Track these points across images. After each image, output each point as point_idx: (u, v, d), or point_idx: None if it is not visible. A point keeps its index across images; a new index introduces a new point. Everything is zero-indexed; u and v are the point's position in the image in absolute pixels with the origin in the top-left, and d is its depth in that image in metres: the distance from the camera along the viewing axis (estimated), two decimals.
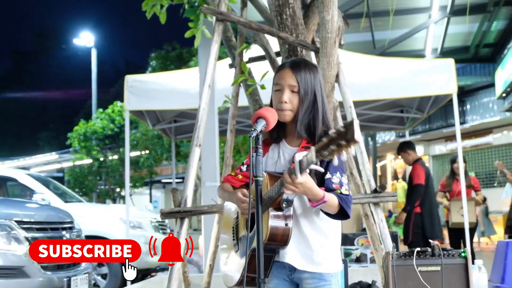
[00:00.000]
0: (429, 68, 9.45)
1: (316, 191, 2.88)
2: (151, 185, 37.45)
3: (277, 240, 3.00)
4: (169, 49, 33.77)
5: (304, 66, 3.21)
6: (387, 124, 12.89)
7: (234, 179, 3.37)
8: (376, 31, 16.48)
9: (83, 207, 11.68)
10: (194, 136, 5.22)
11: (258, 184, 2.89)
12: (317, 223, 3.11)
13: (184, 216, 5.06)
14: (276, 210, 3.00)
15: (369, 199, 5.08)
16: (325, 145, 2.60)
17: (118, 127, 26.91)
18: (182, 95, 9.46)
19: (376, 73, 9.44)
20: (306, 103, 3.14)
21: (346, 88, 5.38)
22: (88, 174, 28.72)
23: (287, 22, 5.33)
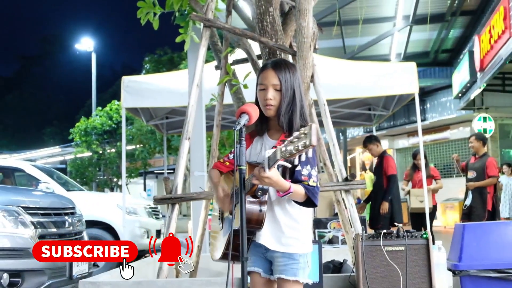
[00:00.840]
0: (394, 70, 9.45)
1: (282, 183, 2.91)
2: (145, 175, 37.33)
3: (252, 223, 3.02)
4: (161, 54, 33.66)
5: (285, 66, 3.22)
6: (356, 120, 12.91)
7: (222, 165, 3.38)
8: (347, 38, 16.53)
9: (84, 195, 11.60)
10: (184, 130, 5.22)
11: (242, 173, 2.90)
12: (288, 209, 3.14)
13: (175, 202, 5.06)
14: (252, 197, 3.02)
15: (341, 186, 5.10)
16: (287, 146, 2.63)
17: (116, 123, 26.83)
18: (173, 94, 9.43)
19: (346, 75, 9.44)
20: (287, 99, 3.15)
21: (320, 87, 5.39)
22: (88, 165, 28.59)
23: (267, 28, 5.33)
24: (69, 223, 6.64)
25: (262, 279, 3.22)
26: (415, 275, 4.19)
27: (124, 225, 9.59)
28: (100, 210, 11.03)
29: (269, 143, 3.23)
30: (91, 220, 10.59)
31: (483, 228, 4.92)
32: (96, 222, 10.85)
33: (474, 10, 16.51)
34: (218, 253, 3.27)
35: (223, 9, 6.36)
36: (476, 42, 15.56)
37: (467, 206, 9.76)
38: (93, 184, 29.68)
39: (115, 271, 5.69)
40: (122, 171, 9.78)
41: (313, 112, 5.57)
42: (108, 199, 11.72)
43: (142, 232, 11.24)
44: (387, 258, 4.19)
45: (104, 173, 29.74)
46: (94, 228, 10.78)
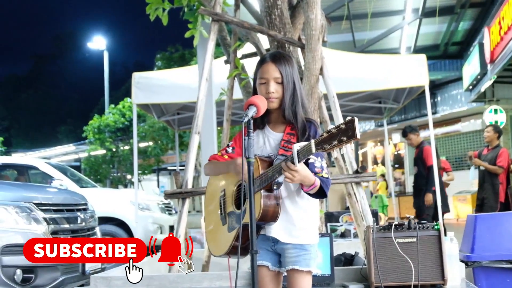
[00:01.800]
0: (404, 63, 9.42)
1: (310, 178, 2.91)
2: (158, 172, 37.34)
3: (268, 217, 3.01)
4: (172, 51, 33.63)
5: (284, 59, 3.21)
6: (367, 114, 12.84)
7: (221, 158, 3.34)
8: (356, 32, 16.47)
9: (97, 191, 11.62)
10: (194, 125, 5.22)
11: (250, 165, 2.87)
12: (298, 201, 3.13)
13: (185, 196, 5.05)
14: (267, 191, 3.00)
15: (351, 179, 5.06)
16: (325, 139, 2.61)
17: (128, 121, 26.84)
18: (184, 89, 9.42)
19: (356, 68, 9.41)
20: (289, 91, 3.15)
21: (330, 80, 5.35)
22: (102, 163, 28.62)
23: (275, 21, 5.31)
24: (82, 219, 6.63)
25: (270, 273, 3.19)
26: (427, 267, 4.14)
27: (137, 221, 9.58)
28: (113, 206, 11.06)
29: (273, 136, 3.21)
30: (104, 216, 10.63)
31: (496, 219, 4.86)
32: (109, 219, 10.88)
33: (484, 2, 16.38)
34: (221, 249, 3.21)
35: (232, 3, 6.33)
36: (486, 34, 15.43)
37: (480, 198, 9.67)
38: (107, 181, 29.75)
39: None
40: (134, 168, 9.77)
41: (323, 105, 5.53)
42: (121, 195, 11.74)
43: (155, 228, 11.24)
44: (398, 250, 4.14)
45: (117, 170, 29.79)
46: (107, 224, 10.80)
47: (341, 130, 2.56)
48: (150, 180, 36.63)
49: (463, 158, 21.66)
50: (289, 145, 3.07)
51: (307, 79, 5.13)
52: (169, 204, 12.39)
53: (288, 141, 3.12)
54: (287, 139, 3.13)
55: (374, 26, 16.12)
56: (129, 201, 11.03)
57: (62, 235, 6.19)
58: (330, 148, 2.59)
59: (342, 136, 2.55)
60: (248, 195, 2.89)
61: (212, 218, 3.40)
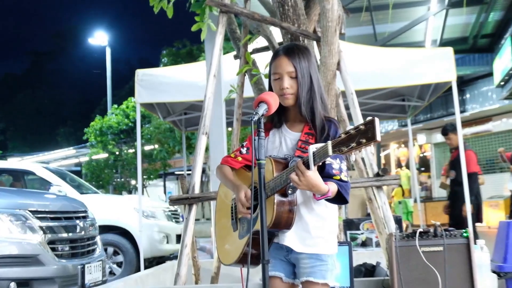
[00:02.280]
0: (429, 57, 9.36)
1: (322, 187, 2.86)
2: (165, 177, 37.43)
3: (281, 224, 2.98)
4: (179, 46, 33.69)
5: (298, 51, 3.18)
6: (389, 112, 12.79)
7: (233, 161, 3.33)
8: (377, 24, 16.42)
9: (98, 198, 11.65)
10: (201, 125, 5.22)
11: (261, 167, 2.85)
12: (315, 207, 3.10)
13: (192, 202, 5.04)
14: (281, 196, 2.97)
15: (372, 182, 5.02)
16: (343, 141, 2.57)
17: (133, 122, 26.87)
18: (191, 87, 9.41)
19: (377, 63, 9.38)
20: (305, 86, 3.12)
21: (348, 75, 5.34)
22: (104, 167, 28.69)
23: (289, 12, 5.29)
24: (81, 228, 6.64)
25: (283, 284, 3.16)
26: (455, 278, 4.10)
27: (141, 229, 9.59)
28: (116, 213, 11.10)
29: (291, 136, 3.19)
30: (106, 225, 10.68)
31: None
32: (112, 227, 10.93)
33: None
34: (231, 257, 3.20)
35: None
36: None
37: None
38: (109, 187, 29.82)
39: (129, 279, 5.66)
40: (138, 171, 9.76)
41: (340, 103, 5.51)
42: (124, 202, 11.76)
43: (161, 237, 11.26)
44: (423, 260, 4.11)
45: (121, 175, 29.87)
46: (110, 233, 10.84)
47: (360, 131, 2.52)
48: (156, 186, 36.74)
49: (494, 160, 21.54)
50: (307, 145, 3.04)
51: (323, 74, 5.11)
52: (176, 212, 12.39)
53: (305, 141, 3.10)
54: (305, 139, 3.11)
55: (396, 17, 16.06)
56: (133, 208, 11.04)
57: (59, 245, 6.20)
58: (348, 150, 2.55)
59: (361, 138, 2.50)
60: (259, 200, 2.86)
61: (223, 224, 3.39)
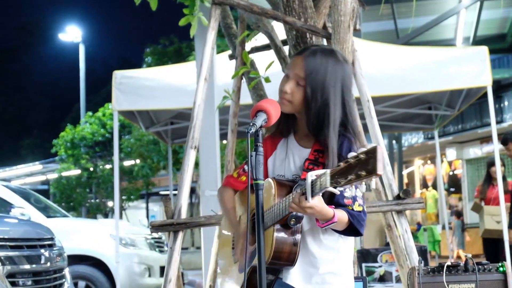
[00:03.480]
0: (459, 57, 9.38)
1: (326, 212, 2.85)
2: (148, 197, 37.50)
3: (283, 259, 2.98)
4: (166, 44, 33.63)
5: (322, 56, 3.08)
6: (413, 123, 12.85)
7: (236, 182, 3.34)
8: (400, 19, 16.50)
9: (69, 223, 11.66)
10: (189, 137, 5.21)
11: (259, 189, 2.85)
12: (325, 239, 3.10)
13: (178, 229, 5.02)
14: (283, 227, 2.98)
15: (391, 206, 5.01)
16: (341, 171, 2.57)
17: (110, 132, 26.91)
18: (179, 92, 9.41)
19: (398, 65, 9.40)
20: (313, 104, 3.04)
21: (363, 80, 5.36)
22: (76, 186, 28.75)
23: (294, 4, 5.31)
24: (46, 258, 6.63)
25: None
26: None
27: (118, 260, 9.57)
28: (89, 241, 11.09)
29: (298, 152, 3.18)
30: (77, 254, 10.64)
31: None
32: (84, 257, 10.92)
33: None
34: None
35: None
36: None
37: None
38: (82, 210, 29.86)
39: None
40: (115, 191, 9.75)
41: None
42: (98, 228, 11.77)
43: (142, 269, 11.24)
44: None
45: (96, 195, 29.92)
46: (81, 265, 10.81)
47: (360, 161, 2.50)
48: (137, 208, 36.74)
49: None
50: (316, 167, 3.04)
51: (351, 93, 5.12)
52: (161, 239, 12.39)
53: (315, 161, 3.08)
54: (314, 159, 3.09)
55: (422, 11, 16.15)
56: (109, 234, 11.03)
57: (20, 279, 6.19)
58: (346, 183, 2.55)
59: (361, 170, 2.48)
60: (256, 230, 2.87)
61: (224, 253, 3.43)
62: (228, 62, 6.68)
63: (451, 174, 26.22)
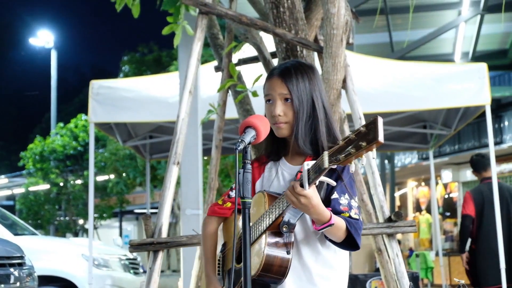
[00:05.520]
0: (457, 74, 9.42)
1: (322, 210, 2.89)
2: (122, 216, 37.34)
3: (273, 271, 3.01)
4: (145, 52, 33.55)
5: (296, 70, 3.24)
6: (407, 142, 12.88)
7: (222, 209, 3.40)
8: (395, 31, 16.46)
9: (38, 241, 11.66)
10: (172, 153, 5.23)
11: (246, 207, 2.89)
12: (321, 252, 3.14)
13: (158, 248, 5.04)
14: (274, 235, 3.03)
15: (382, 229, 5.06)
16: (340, 149, 2.64)
17: (82, 145, 26.85)
18: (159, 104, 9.41)
19: (393, 80, 9.42)
20: (303, 114, 3.17)
21: (355, 96, 5.42)
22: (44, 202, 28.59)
23: (284, 16, 5.36)
24: (16, 278, 6.66)
25: None
26: None
27: (90, 281, 9.60)
28: (59, 261, 11.09)
29: (289, 170, 3.27)
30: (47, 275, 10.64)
31: None
32: (53, 278, 10.92)
33: None
34: None
35: None
36: None
37: None
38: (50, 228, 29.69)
39: None
40: (89, 208, 9.74)
41: (346, 129, 5.61)
42: (69, 247, 11.79)
43: None
44: None
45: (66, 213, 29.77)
46: (51, 287, 10.80)
47: (361, 134, 2.59)
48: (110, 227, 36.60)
49: None
50: None
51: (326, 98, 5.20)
52: (135, 261, 12.42)
53: None
54: None
55: (418, 23, 16.18)
56: (81, 255, 11.06)
57: None
58: (345, 158, 2.62)
59: (361, 141, 2.57)
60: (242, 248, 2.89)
61: None
62: (213, 74, 6.72)
63: (446, 197, 26.21)
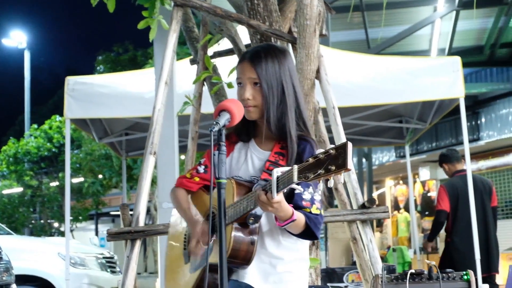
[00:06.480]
0: (431, 67, 9.51)
1: (286, 209, 3.06)
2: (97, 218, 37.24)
3: (239, 257, 3.20)
4: (120, 51, 33.32)
5: (266, 54, 3.35)
6: (383, 137, 12.98)
7: (190, 182, 3.52)
8: (371, 28, 16.45)
9: (13, 240, 11.67)
10: (148, 143, 5.33)
11: (221, 187, 3.02)
12: (281, 240, 3.32)
13: (136, 237, 5.15)
14: (241, 225, 3.20)
15: (356, 215, 5.21)
16: (310, 166, 2.76)
17: (57, 146, 26.76)
18: (135, 100, 9.44)
19: (367, 74, 9.49)
20: (273, 98, 3.30)
21: (329, 86, 5.52)
22: (18, 205, 28.47)
23: (258, 8, 5.48)
24: None
25: None
26: None
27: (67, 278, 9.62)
28: (35, 260, 11.14)
29: (259, 155, 3.41)
30: (23, 274, 10.62)
31: None
32: (29, 277, 10.94)
33: None
34: None
35: None
36: None
37: None
38: (25, 231, 29.54)
39: None
40: (66, 207, 9.80)
41: (320, 120, 5.70)
42: (45, 246, 11.83)
43: None
44: None
45: (40, 216, 29.66)
46: (27, 286, 10.80)
47: (330, 156, 2.70)
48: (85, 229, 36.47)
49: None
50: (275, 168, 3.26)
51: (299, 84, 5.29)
52: (112, 259, 12.44)
53: (275, 162, 3.30)
54: (274, 160, 3.32)
55: (394, 20, 16.24)
56: (57, 253, 11.09)
57: None
58: (314, 177, 2.73)
59: (330, 165, 2.68)
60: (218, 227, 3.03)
61: (174, 254, 3.61)
62: (189, 69, 6.79)
63: (424, 195, 26.32)
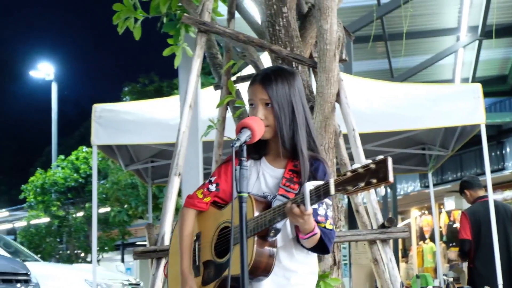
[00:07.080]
0: (452, 94, 9.62)
1: (312, 222, 3.21)
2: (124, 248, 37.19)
3: (259, 270, 3.32)
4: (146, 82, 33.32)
5: (276, 76, 3.50)
6: (405, 165, 13.04)
7: (201, 203, 3.64)
8: (394, 58, 16.57)
9: (41, 267, 11.77)
10: (173, 164, 5.46)
11: (243, 201, 3.17)
12: (295, 254, 3.46)
13: (161, 256, 5.22)
14: (261, 239, 3.32)
15: (376, 235, 5.30)
16: (348, 180, 2.91)
17: (84, 177, 26.78)
18: (160, 126, 9.56)
19: (389, 101, 9.58)
20: (284, 118, 3.44)
21: (348, 109, 5.63)
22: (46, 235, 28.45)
23: (280, 34, 5.64)
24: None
25: None
26: None
27: None
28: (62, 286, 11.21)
29: (271, 172, 3.55)
30: None
31: None
32: None
33: None
34: None
35: (224, 13, 6.59)
36: None
37: None
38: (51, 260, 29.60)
39: None
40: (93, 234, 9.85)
41: (341, 143, 5.76)
42: (73, 273, 11.94)
43: None
44: None
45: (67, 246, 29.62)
46: None
47: (370, 170, 2.85)
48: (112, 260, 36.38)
49: None
50: (292, 184, 3.41)
51: (319, 107, 5.38)
52: (138, 286, 12.57)
53: (290, 179, 3.44)
54: (289, 177, 3.45)
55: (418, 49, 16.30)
56: (84, 279, 11.22)
57: None
58: (354, 191, 2.89)
59: (372, 178, 2.84)
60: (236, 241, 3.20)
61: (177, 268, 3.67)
62: (213, 96, 6.93)
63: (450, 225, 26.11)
